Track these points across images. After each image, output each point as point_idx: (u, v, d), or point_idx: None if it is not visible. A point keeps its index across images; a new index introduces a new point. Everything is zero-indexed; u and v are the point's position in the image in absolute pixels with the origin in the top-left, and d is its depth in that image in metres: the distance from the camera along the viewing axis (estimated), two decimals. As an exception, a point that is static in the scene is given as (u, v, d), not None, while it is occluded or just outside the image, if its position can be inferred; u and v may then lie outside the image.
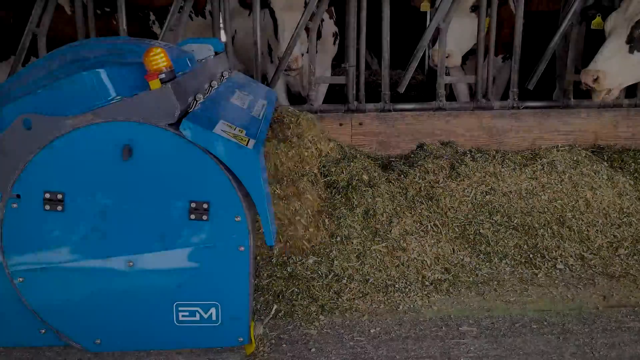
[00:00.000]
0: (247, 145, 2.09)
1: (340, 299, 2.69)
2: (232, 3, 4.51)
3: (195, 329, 2.25)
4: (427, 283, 2.85)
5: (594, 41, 4.27)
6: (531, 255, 3.05)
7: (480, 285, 2.87)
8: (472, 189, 3.29)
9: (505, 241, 3.11)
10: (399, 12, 4.42)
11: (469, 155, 3.52)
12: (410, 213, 3.19)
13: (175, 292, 2.21)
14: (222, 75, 2.88)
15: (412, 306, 2.69)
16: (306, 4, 3.83)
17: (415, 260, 2.95)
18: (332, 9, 4.61)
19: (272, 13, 4.01)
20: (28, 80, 2.39)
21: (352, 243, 2.96)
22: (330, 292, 2.73)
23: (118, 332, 2.26)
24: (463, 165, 3.39)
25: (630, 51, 3.45)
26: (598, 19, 3.75)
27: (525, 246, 3.09)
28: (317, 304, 2.65)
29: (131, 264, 2.16)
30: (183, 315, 2.23)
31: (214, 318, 2.24)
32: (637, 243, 3.13)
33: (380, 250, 2.95)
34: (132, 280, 2.18)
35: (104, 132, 2.06)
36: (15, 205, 2.11)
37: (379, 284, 2.81)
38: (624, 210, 3.25)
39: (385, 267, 2.90)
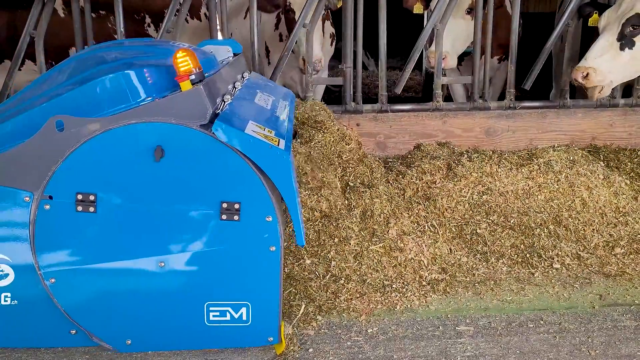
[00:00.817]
0: (278, 145, 2.11)
1: (337, 300, 2.70)
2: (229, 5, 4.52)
3: (226, 329, 2.25)
4: (424, 283, 2.86)
5: (590, 41, 4.30)
6: (528, 255, 3.06)
7: (477, 285, 2.88)
8: (469, 189, 3.30)
9: (502, 241, 3.12)
10: (396, 12, 4.43)
11: (465, 156, 3.54)
12: (408, 213, 3.20)
13: (206, 292, 2.22)
14: (242, 77, 2.90)
15: (409, 306, 2.70)
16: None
17: (412, 261, 2.96)
18: (329, 10, 4.62)
19: (287, 14, 3.99)
20: (56, 82, 2.41)
21: (350, 244, 2.97)
22: (328, 293, 2.74)
23: (148, 332, 2.26)
24: (460, 166, 3.40)
25: (621, 48, 3.46)
26: (595, 16, 3.76)
27: (522, 246, 3.10)
28: (314, 304, 2.67)
29: (162, 264, 2.17)
30: (214, 315, 2.24)
31: (244, 318, 2.24)
32: (633, 242, 3.14)
33: (378, 251, 2.97)
34: (163, 281, 2.18)
35: (136, 133, 2.08)
36: (47, 207, 2.12)
37: (377, 284, 2.82)
38: (620, 209, 3.26)
39: (383, 267, 2.91)
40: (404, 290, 2.80)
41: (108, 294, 2.20)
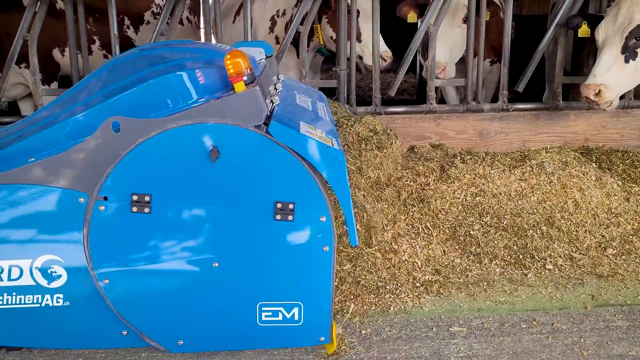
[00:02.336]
0: (332, 145, 2.12)
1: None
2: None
3: (277, 329, 2.26)
4: (417, 284, 2.87)
5: (583, 44, 4.33)
6: (521, 256, 3.08)
7: (470, 286, 2.89)
8: (462, 191, 3.32)
9: (495, 242, 3.13)
10: (390, 15, 4.44)
11: (459, 158, 3.55)
12: (403, 216, 3.21)
13: (259, 293, 2.22)
14: (277, 78, 2.91)
15: (402, 307, 2.71)
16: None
17: (406, 262, 2.98)
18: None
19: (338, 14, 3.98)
20: (106, 83, 2.42)
21: (345, 247, 2.97)
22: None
23: (200, 332, 2.27)
24: (453, 168, 3.41)
25: (626, 61, 3.48)
26: (584, 26, 3.77)
27: (515, 247, 3.12)
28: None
29: (216, 264, 2.17)
30: (266, 316, 2.24)
31: (296, 318, 2.25)
32: (625, 243, 3.16)
33: (373, 253, 2.97)
34: (216, 281, 2.19)
35: (192, 134, 2.09)
36: (102, 208, 2.12)
37: (370, 285, 2.83)
38: (612, 210, 3.28)
39: (377, 269, 2.92)
40: (398, 291, 2.81)
41: (161, 294, 2.20)
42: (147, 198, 2.12)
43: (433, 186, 3.34)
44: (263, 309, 2.24)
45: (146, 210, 2.12)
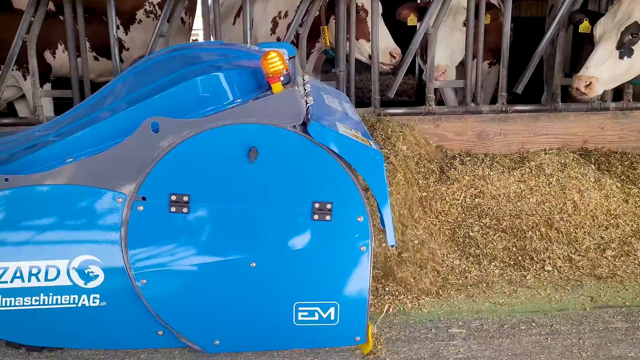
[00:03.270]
0: (370, 145, 2.12)
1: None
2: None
3: (313, 328, 2.26)
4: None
5: (581, 45, 4.33)
6: (520, 258, 3.08)
7: (469, 287, 2.89)
8: (461, 193, 3.32)
9: (494, 244, 3.13)
10: (390, 16, 4.44)
11: (458, 159, 3.55)
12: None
13: (296, 292, 2.22)
14: (303, 79, 2.91)
15: (402, 309, 2.71)
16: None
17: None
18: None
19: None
20: (140, 84, 2.42)
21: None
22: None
23: (237, 332, 2.27)
24: (452, 169, 3.42)
25: (620, 57, 3.49)
26: (585, 22, 3.79)
27: (514, 248, 3.12)
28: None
29: (253, 264, 2.18)
30: (302, 315, 2.24)
31: (332, 318, 2.25)
32: (624, 244, 3.17)
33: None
34: (253, 281, 2.19)
35: (231, 134, 2.10)
36: (140, 208, 2.13)
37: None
38: (611, 212, 3.29)
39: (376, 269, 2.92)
40: (397, 293, 2.81)
41: (198, 294, 2.20)
42: (185, 198, 2.12)
43: (432, 187, 3.35)
44: (299, 308, 2.24)
45: (184, 210, 2.13)
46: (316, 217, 2.15)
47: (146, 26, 4.67)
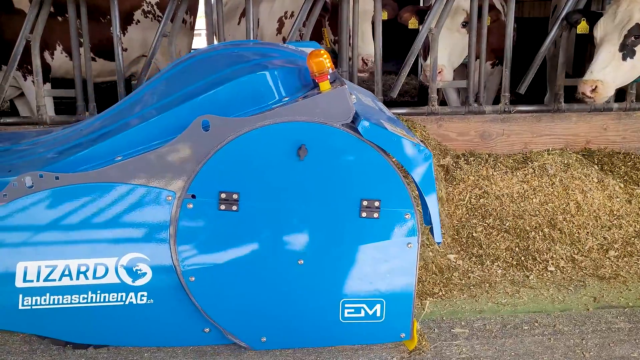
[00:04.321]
0: (419, 143, 2.14)
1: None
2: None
3: (359, 325, 2.26)
4: (420, 286, 2.87)
5: (584, 46, 4.33)
6: (523, 258, 3.08)
7: (472, 287, 2.89)
8: (466, 193, 3.32)
9: (497, 244, 3.13)
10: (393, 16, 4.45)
11: (462, 159, 3.55)
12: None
13: (342, 289, 2.23)
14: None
15: (405, 309, 2.71)
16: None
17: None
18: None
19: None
20: (184, 83, 2.43)
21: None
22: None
23: (284, 329, 2.27)
24: (458, 169, 3.42)
25: (624, 58, 3.50)
26: (583, 23, 3.79)
27: (517, 249, 3.12)
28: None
29: (301, 262, 2.18)
30: (348, 312, 2.25)
31: (378, 314, 2.26)
32: (627, 245, 3.16)
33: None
34: (301, 278, 2.20)
35: (281, 132, 2.10)
36: (190, 206, 2.13)
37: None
38: (614, 212, 3.29)
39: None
40: (400, 292, 2.81)
41: (246, 291, 2.20)
42: (235, 196, 2.13)
43: (438, 187, 3.34)
44: (346, 305, 2.24)
45: (234, 208, 2.13)
46: (364, 214, 2.16)
47: (144, 26, 4.67)
